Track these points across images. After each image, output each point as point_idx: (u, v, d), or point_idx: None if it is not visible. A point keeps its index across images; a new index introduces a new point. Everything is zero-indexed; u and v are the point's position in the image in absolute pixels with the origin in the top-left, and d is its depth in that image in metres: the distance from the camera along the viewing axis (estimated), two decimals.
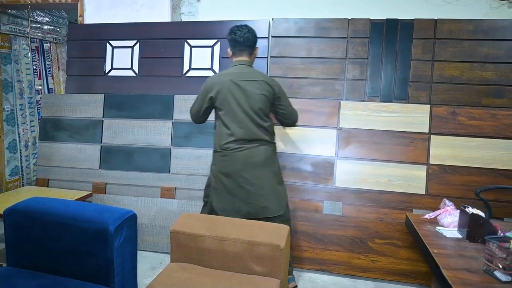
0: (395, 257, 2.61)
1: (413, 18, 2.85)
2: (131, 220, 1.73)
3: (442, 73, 2.81)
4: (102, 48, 3.35)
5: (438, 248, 1.42)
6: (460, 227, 1.59)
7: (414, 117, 2.70)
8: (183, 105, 3.04)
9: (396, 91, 2.87)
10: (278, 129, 2.82)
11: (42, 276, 1.68)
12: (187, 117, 2.66)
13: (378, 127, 2.73)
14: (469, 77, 2.77)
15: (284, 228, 1.87)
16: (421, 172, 2.65)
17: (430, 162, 2.64)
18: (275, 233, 1.82)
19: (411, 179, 2.65)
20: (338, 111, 2.80)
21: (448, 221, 1.70)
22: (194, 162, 2.97)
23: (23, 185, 4.14)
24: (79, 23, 3.48)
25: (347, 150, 2.75)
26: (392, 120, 2.72)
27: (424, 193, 2.63)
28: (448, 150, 2.63)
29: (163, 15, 3.28)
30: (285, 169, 2.80)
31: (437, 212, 1.81)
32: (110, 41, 3.33)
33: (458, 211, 1.71)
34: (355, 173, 2.72)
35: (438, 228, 1.73)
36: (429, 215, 1.85)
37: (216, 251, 1.83)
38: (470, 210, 1.54)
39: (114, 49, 3.34)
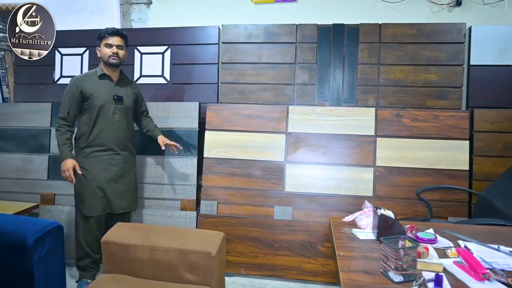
0: None
1: (358, 23, 2.89)
2: (55, 231, 1.67)
3: (388, 76, 2.85)
4: (51, 55, 3.26)
5: (345, 251, 1.42)
6: (373, 228, 1.59)
7: (360, 120, 2.72)
8: None
9: (344, 94, 2.90)
10: (226, 135, 2.82)
11: None
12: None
13: (326, 131, 2.74)
14: (413, 80, 2.83)
15: (217, 235, 1.84)
16: (368, 174, 2.67)
17: (377, 164, 2.67)
18: (207, 241, 1.79)
19: (359, 181, 2.67)
20: (286, 116, 2.80)
21: (364, 223, 1.70)
22: (143, 170, 2.91)
23: None
24: None
25: (296, 155, 2.75)
26: (339, 123, 2.74)
27: (371, 195, 2.65)
28: (393, 152, 2.66)
29: (113, 22, 3.24)
30: (235, 175, 2.78)
31: (356, 214, 1.81)
32: (59, 49, 3.26)
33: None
34: (304, 177, 2.72)
35: (354, 230, 1.72)
36: (347, 218, 1.84)
37: (148, 261, 1.79)
38: (380, 211, 1.55)
39: (63, 57, 3.28)
